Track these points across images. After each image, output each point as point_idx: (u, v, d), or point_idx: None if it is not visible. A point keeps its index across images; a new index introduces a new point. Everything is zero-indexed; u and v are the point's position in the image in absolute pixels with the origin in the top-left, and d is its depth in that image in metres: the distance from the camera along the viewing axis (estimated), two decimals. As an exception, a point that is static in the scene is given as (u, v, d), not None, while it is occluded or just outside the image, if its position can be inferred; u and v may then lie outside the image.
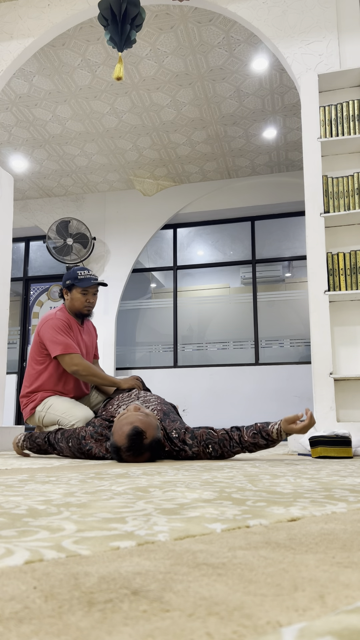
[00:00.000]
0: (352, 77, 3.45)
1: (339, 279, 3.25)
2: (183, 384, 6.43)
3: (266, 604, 0.38)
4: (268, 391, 6.13)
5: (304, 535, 0.64)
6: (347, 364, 3.27)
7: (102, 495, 1.00)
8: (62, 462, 2.12)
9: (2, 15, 3.98)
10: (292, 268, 6.93)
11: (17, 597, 0.40)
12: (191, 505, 0.87)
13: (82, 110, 5.21)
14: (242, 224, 6.85)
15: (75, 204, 7.03)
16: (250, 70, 4.64)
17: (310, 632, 0.32)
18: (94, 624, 0.35)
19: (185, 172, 6.45)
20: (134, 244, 6.74)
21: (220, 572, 0.48)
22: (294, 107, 5.15)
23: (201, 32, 4.20)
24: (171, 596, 0.41)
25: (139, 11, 2.88)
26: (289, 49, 3.60)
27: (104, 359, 6.54)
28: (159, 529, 0.67)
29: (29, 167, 6.27)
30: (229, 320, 6.68)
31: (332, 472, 1.55)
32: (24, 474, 1.53)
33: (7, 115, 5.25)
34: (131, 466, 1.81)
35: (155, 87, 4.88)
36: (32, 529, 0.67)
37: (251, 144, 5.82)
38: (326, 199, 3.33)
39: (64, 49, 4.39)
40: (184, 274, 7.02)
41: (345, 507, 0.86)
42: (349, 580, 0.45)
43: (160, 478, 1.35)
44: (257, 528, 0.68)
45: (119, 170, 6.41)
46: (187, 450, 2.17)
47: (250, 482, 1.25)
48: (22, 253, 7.45)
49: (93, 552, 0.55)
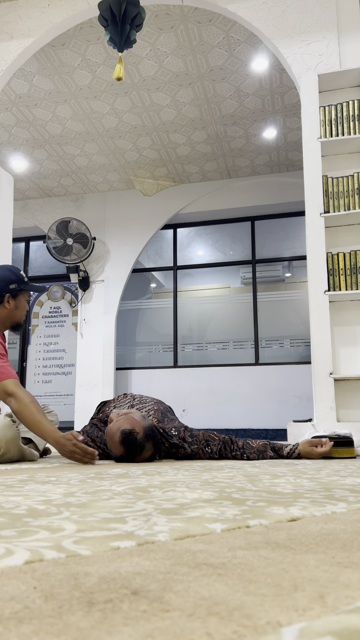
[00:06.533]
0: (352, 77, 3.45)
1: (339, 279, 3.25)
2: (183, 384, 6.43)
3: (266, 604, 0.38)
4: (268, 391, 6.13)
5: (304, 535, 0.64)
6: (347, 364, 3.27)
7: (102, 495, 1.00)
8: (62, 462, 2.12)
9: (2, 15, 3.98)
10: (292, 268, 6.93)
11: (17, 597, 0.40)
12: (191, 505, 0.87)
13: (82, 110, 5.21)
14: (242, 224, 6.85)
15: (75, 204, 7.03)
16: (250, 70, 4.64)
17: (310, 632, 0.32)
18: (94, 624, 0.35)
19: (185, 172, 6.44)
20: (134, 244, 6.74)
21: (220, 572, 0.48)
22: (294, 107, 5.15)
23: (201, 32, 4.20)
24: (171, 596, 0.41)
25: (139, 11, 2.88)
26: (289, 49, 3.60)
27: (104, 359, 6.55)
28: (159, 529, 0.67)
29: (29, 167, 6.27)
30: (229, 320, 6.68)
31: (332, 472, 1.54)
32: (24, 474, 1.53)
33: (7, 115, 5.25)
34: (131, 466, 1.81)
35: (155, 87, 4.88)
36: (32, 529, 0.67)
37: (251, 144, 5.82)
38: (326, 199, 3.33)
39: (64, 49, 4.39)
40: (184, 274, 7.02)
41: (345, 507, 0.86)
42: (349, 580, 0.45)
43: (160, 478, 1.35)
44: (257, 528, 0.68)
45: (119, 170, 6.41)
46: (186, 447, 2.17)
47: (250, 482, 1.25)
48: (22, 253, 7.45)
49: (93, 552, 0.55)
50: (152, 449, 2.04)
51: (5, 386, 2.09)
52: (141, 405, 2.44)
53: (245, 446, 2.15)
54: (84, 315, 6.75)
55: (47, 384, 6.99)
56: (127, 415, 2.09)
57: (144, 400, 2.50)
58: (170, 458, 2.24)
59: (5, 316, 2.32)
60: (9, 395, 2.08)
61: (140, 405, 2.45)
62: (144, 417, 2.12)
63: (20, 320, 2.38)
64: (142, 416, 2.11)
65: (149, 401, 2.49)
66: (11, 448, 2.02)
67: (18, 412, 2.06)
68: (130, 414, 2.09)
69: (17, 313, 2.34)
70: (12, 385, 2.09)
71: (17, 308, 2.34)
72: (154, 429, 2.09)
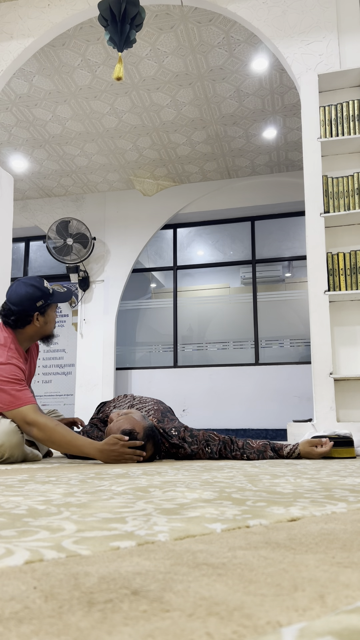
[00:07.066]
0: (352, 77, 3.45)
1: (339, 279, 3.25)
2: (183, 384, 6.43)
3: (266, 604, 0.38)
4: (268, 391, 6.13)
5: (304, 535, 0.64)
6: (347, 364, 3.27)
7: (102, 495, 1.00)
8: (62, 462, 2.12)
9: (2, 15, 3.98)
10: (292, 268, 6.93)
11: (17, 597, 0.40)
12: (191, 505, 0.87)
13: (82, 110, 5.21)
14: (242, 224, 6.85)
15: (75, 204, 7.03)
16: (250, 70, 4.64)
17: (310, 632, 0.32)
18: (94, 624, 0.35)
19: (185, 172, 6.45)
20: (134, 244, 6.74)
21: (220, 572, 0.48)
22: (294, 107, 5.15)
23: (201, 32, 4.20)
24: (171, 596, 0.41)
25: (139, 11, 2.88)
26: (289, 49, 3.60)
27: (104, 359, 6.55)
28: (159, 529, 0.67)
29: (29, 167, 6.27)
30: (229, 320, 6.68)
31: (332, 472, 1.54)
32: (24, 474, 1.53)
33: (7, 115, 5.25)
34: (131, 466, 1.81)
35: (155, 87, 4.88)
36: (32, 529, 0.67)
37: (251, 144, 5.82)
38: (326, 199, 3.33)
39: (64, 49, 4.39)
40: (184, 274, 7.02)
41: (345, 507, 0.86)
42: (349, 580, 0.45)
43: (160, 478, 1.35)
44: (257, 528, 0.68)
45: (119, 170, 6.41)
46: (186, 447, 2.17)
47: (250, 482, 1.25)
48: (22, 253, 7.45)
49: (93, 552, 0.55)
50: (152, 449, 2.04)
51: (24, 415, 2.00)
52: (141, 405, 2.44)
53: (245, 446, 2.15)
54: (84, 315, 6.75)
55: (47, 384, 6.99)
56: (127, 415, 2.09)
57: (144, 401, 2.50)
58: (170, 458, 2.24)
59: (34, 333, 2.26)
60: (30, 424, 1.99)
61: (140, 405, 2.45)
62: (144, 417, 2.12)
63: (51, 332, 2.33)
64: (142, 416, 2.11)
65: (149, 401, 2.49)
66: (15, 453, 2.02)
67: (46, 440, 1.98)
68: (130, 414, 2.09)
69: (47, 327, 2.29)
70: (32, 414, 2.00)
71: (47, 323, 2.28)
72: (154, 429, 2.09)
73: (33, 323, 2.22)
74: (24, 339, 2.25)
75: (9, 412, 2.02)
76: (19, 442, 2.02)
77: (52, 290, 2.27)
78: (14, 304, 2.18)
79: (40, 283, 2.24)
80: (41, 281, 2.26)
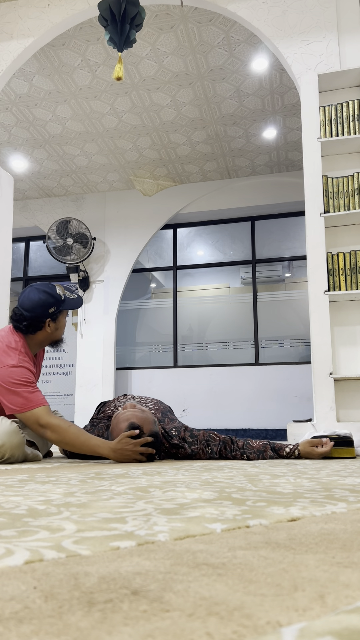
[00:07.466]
0: (352, 77, 3.45)
1: (339, 279, 3.25)
2: (183, 384, 6.43)
3: (266, 604, 0.38)
4: (268, 391, 6.13)
5: (304, 535, 0.64)
6: (347, 364, 3.27)
7: (102, 495, 1.00)
8: (62, 462, 2.12)
9: (2, 15, 3.98)
10: (292, 268, 6.93)
11: (17, 597, 0.40)
12: (191, 505, 0.87)
13: (82, 110, 5.21)
14: (242, 224, 6.85)
15: (75, 204, 7.03)
16: (250, 70, 4.64)
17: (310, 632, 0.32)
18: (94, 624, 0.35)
19: (185, 172, 6.44)
20: (134, 244, 6.74)
21: (220, 572, 0.48)
22: (294, 107, 5.15)
23: (201, 32, 4.20)
24: (171, 596, 0.41)
25: (139, 11, 2.88)
26: (289, 49, 3.60)
27: (104, 359, 6.55)
28: (159, 529, 0.67)
29: (29, 167, 6.27)
30: (229, 320, 6.68)
31: (332, 472, 1.54)
32: (24, 474, 1.53)
33: (7, 115, 5.25)
34: (131, 466, 1.81)
35: (155, 87, 4.88)
36: (32, 529, 0.67)
37: (251, 144, 5.82)
38: (326, 199, 3.33)
39: (64, 49, 4.39)
40: (184, 274, 7.02)
41: (345, 507, 0.86)
42: (349, 580, 0.45)
43: (160, 478, 1.35)
44: (257, 528, 0.68)
45: (119, 170, 6.41)
46: (186, 447, 2.17)
47: (250, 482, 1.25)
48: (22, 253, 7.45)
49: (93, 552, 0.55)
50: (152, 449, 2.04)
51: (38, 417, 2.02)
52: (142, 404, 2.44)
53: (245, 446, 2.15)
54: (84, 315, 6.75)
55: (47, 384, 6.99)
56: (144, 412, 2.09)
57: (144, 401, 2.50)
58: (170, 458, 2.24)
59: (44, 338, 2.29)
60: (43, 426, 2.01)
61: (141, 404, 2.45)
62: (155, 422, 2.11)
63: (60, 337, 2.36)
64: (154, 421, 2.11)
65: (149, 401, 2.49)
66: (16, 453, 2.03)
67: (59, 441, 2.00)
68: (147, 413, 2.10)
69: (57, 333, 2.32)
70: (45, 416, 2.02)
71: (58, 329, 2.31)
72: (158, 435, 2.09)
73: (44, 329, 2.25)
74: (34, 344, 2.28)
75: (22, 415, 2.05)
76: (20, 442, 2.03)
77: (64, 297, 2.30)
78: (27, 310, 2.20)
79: (52, 289, 2.26)
80: (53, 287, 2.28)
